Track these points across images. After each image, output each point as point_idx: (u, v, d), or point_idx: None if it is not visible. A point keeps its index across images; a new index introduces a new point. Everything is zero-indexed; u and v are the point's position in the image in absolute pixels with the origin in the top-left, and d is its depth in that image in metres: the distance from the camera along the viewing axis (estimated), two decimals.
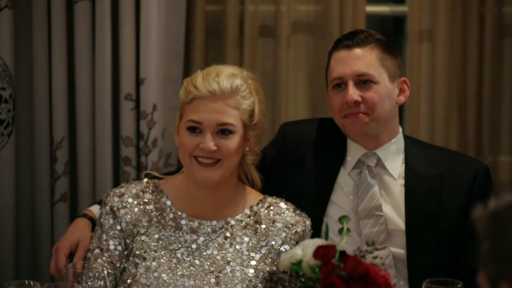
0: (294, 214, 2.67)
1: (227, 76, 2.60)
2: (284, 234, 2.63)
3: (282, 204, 2.69)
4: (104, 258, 2.60)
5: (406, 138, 2.84)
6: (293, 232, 2.64)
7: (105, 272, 2.35)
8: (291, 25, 3.58)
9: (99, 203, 2.79)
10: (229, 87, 2.58)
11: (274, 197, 2.71)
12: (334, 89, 2.75)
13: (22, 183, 3.43)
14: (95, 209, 2.79)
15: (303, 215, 2.68)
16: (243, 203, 2.68)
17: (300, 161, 2.81)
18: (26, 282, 2.23)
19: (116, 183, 3.47)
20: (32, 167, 3.45)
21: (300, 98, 3.61)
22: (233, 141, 2.59)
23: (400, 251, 2.72)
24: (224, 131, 2.58)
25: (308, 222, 2.67)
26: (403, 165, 2.77)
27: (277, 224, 2.65)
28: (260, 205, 2.68)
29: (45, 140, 3.43)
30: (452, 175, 2.74)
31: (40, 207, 3.45)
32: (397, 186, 2.75)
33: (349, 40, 2.73)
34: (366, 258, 1.94)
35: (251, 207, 2.68)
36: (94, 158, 3.45)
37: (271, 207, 2.67)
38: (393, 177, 2.76)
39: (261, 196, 2.71)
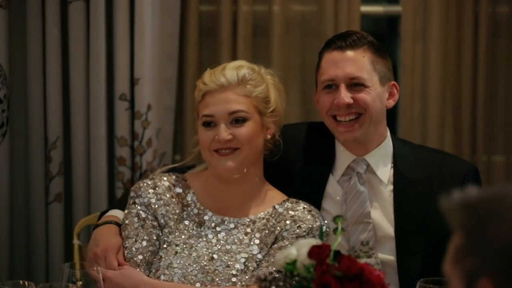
0: (307, 213, 2.64)
1: (232, 68, 2.65)
2: (288, 227, 2.61)
3: (301, 204, 2.66)
4: (148, 252, 2.60)
5: (394, 139, 2.81)
6: (297, 226, 2.60)
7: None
8: (285, 25, 3.59)
9: (116, 206, 2.77)
10: (235, 77, 2.62)
11: (297, 199, 2.69)
12: (324, 90, 2.73)
13: (17, 184, 3.43)
14: (116, 213, 2.73)
15: (318, 216, 2.64)
16: (267, 202, 2.67)
17: (290, 168, 2.79)
18: (21, 282, 2.23)
19: (111, 183, 3.47)
20: (27, 168, 3.45)
21: (293, 99, 3.60)
22: (248, 128, 2.61)
23: (390, 257, 2.69)
24: (237, 120, 2.61)
25: (318, 224, 2.62)
26: (392, 169, 2.74)
27: (288, 220, 2.63)
28: (282, 205, 2.67)
29: (39, 141, 3.43)
30: (440, 178, 2.71)
31: (35, 207, 3.45)
32: (386, 192, 2.73)
33: (342, 41, 2.70)
34: (361, 259, 1.94)
35: (274, 206, 2.67)
36: (89, 158, 3.44)
37: (291, 206, 2.65)
38: (383, 182, 2.73)
39: (285, 197, 2.70)
